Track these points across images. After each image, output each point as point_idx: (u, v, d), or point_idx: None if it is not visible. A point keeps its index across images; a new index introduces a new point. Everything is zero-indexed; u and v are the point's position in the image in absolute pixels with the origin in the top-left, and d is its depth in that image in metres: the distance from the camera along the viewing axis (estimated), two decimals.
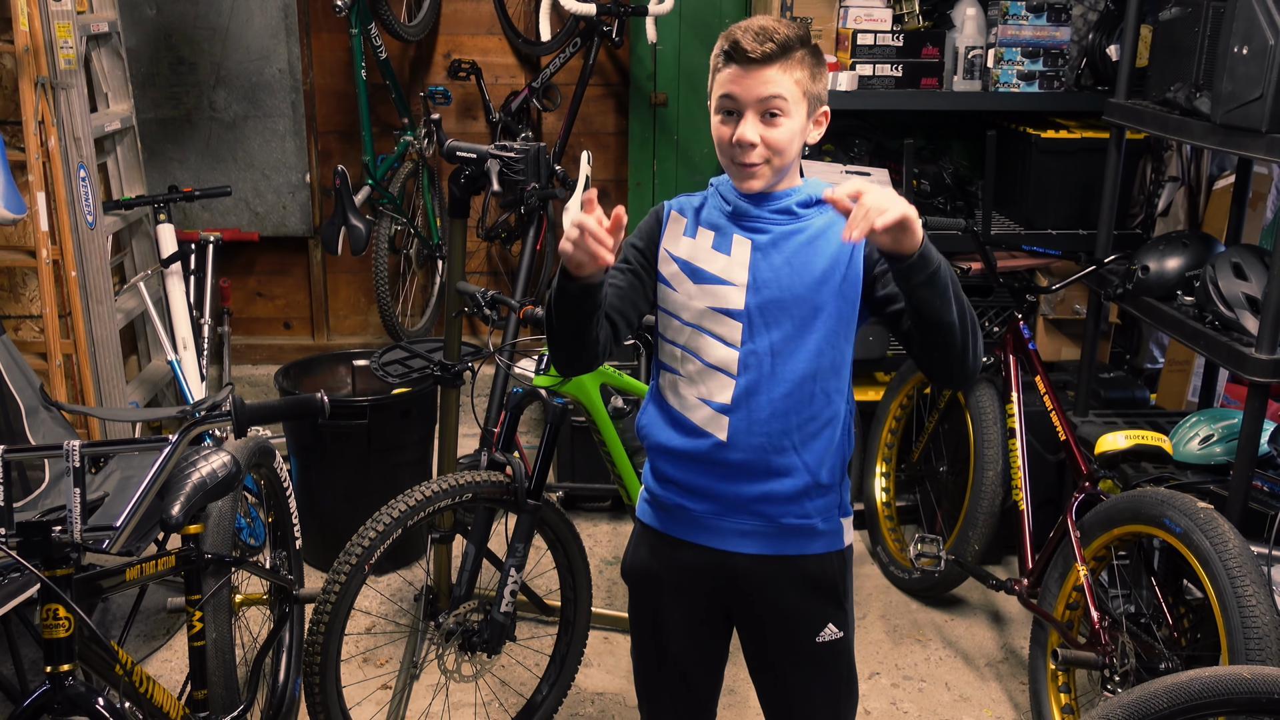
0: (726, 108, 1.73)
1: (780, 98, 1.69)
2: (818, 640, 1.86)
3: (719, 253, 1.79)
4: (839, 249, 1.76)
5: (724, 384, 1.79)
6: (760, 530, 1.82)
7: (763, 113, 1.70)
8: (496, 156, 2.76)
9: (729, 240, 1.79)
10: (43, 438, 2.84)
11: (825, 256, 1.76)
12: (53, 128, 3.22)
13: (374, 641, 3.20)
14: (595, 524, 3.90)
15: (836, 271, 1.76)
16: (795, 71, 1.70)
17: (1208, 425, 2.86)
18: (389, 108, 4.61)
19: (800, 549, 1.84)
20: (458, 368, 2.90)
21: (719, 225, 1.81)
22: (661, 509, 1.90)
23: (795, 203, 1.78)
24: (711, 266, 1.79)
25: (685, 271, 1.81)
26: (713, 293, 1.79)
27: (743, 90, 1.69)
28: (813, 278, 1.75)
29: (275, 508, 2.77)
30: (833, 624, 1.87)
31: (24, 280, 3.52)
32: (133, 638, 3.14)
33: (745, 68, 1.68)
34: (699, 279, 1.80)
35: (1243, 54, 2.49)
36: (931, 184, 3.94)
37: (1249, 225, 3.43)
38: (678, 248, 1.83)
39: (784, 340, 1.77)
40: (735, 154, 1.73)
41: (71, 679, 1.70)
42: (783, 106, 1.69)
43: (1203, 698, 1.60)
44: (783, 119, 1.70)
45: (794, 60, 1.69)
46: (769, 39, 1.66)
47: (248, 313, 4.91)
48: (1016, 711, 2.95)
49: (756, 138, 1.70)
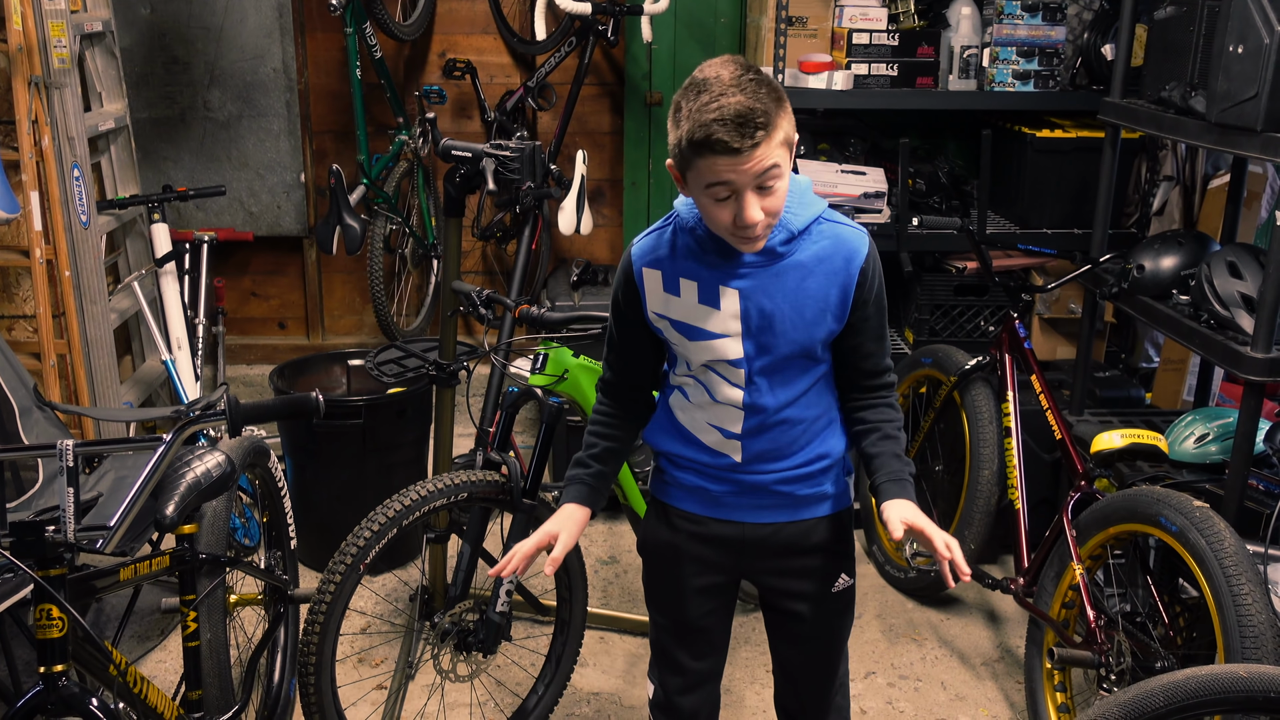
0: (719, 194, 1.65)
1: (776, 167, 1.63)
2: (834, 590, 1.98)
3: (708, 307, 1.79)
4: (826, 286, 1.78)
5: (734, 415, 1.86)
6: (778, 504, 1.91)
7: (759, 187, 1.64)
8: (492, 156, 2.76)
9: (715, 292, 1.78)
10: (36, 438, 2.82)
11: (818, 297, 1.78)
12: (46, 127, 3.21)
13: (369, 642, 3.19)
14: (591, 524, 3.89)
15: (831, 308, 1.80)
16: (776, 135, 1.62)
17: (1203, 424, 2.86)
18: (384, 107, 4.60)
19: (815, 512, 1.94)
20: (453, 367, 2.90)
21: (698, 275, 1.79)
22: (679, 488, 1.97)
23: (777, 243, 1.76)
24: (704, 324, 1.80)
25: (679, 330, 1.84)
26: (710, 348, 1.82)
27: (738, 176, 1.62)
28: (806, 319, 1.79)
29: (270, 508, 2.77)
30: (844, 574, 1.99)
31: (17, 280, 3.51)
32: (127, 638, 3.13)
33: (733, 157, 1.60)
34: (694, 336, 1.82)
35: (1238, 53, 2.49)
36: (927, 183, 3.94)
37: (1244, 224, 3.44)
38: (666, 309, 1.83)
39: (783, 373, 1.83)
40: (740, 233, 1.68)
41: (65, 679, 1.69)
42: (778, 174, 1.64)
43: (1199, 696, 1.60)
44: (778, 183, 1.66)
45: (774, 123, 1.61)
46: (754, 127, 1.58)
47: (242, 312, 4.90)
48: (1012, 711, 2.95)
49: (761, 214, 1.66)
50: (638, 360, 1.96)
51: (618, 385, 1.99)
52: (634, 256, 1.85)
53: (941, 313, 3.86)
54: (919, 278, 3.79)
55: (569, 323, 2.57)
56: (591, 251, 4.93)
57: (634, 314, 1.88)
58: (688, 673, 2.10)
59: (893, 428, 1.91)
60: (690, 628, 2.06)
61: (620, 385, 1.99)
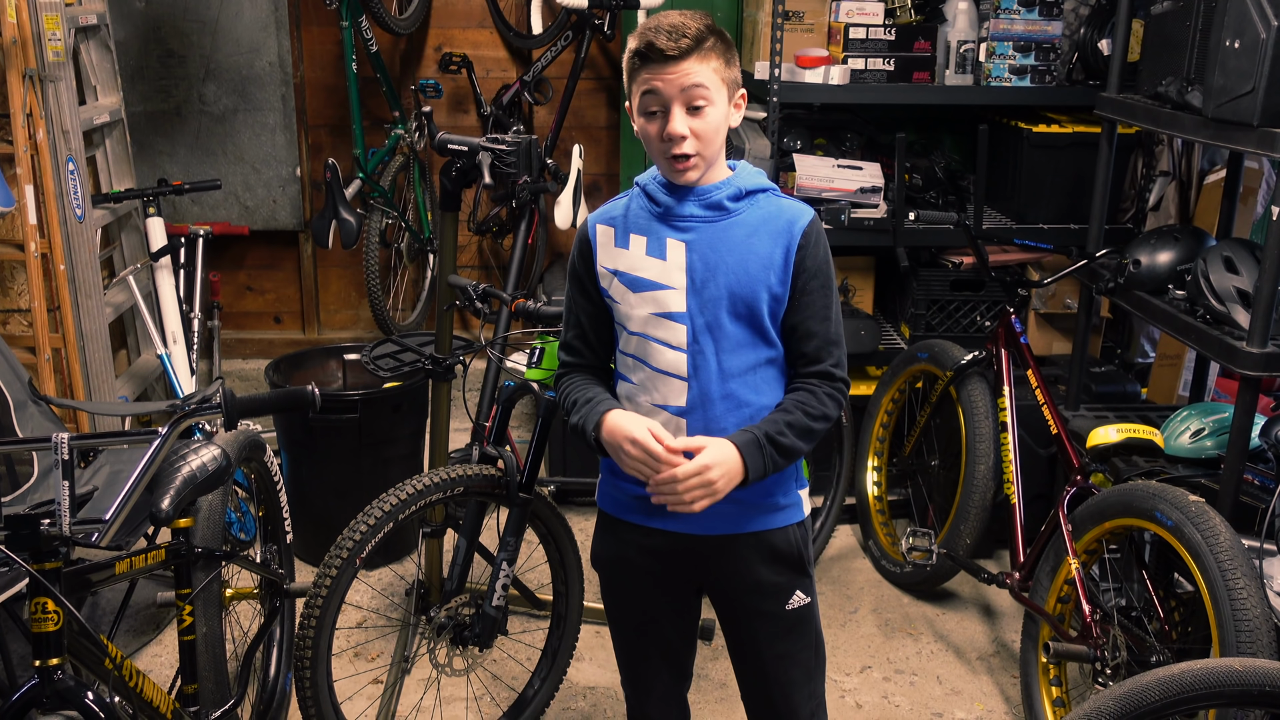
0: (649, 106, 1.76)
1: (703, 86, 1.73)
2: (788, 609, 1.94)
3: (654, 258, 1.82)
4: (775, 247, 1.79)
5: (677, 388, 1.83)
6: (725, 512, 1.85)
7: (687, 105, 1.74)
8: (488, 150, 2.76)
9: (662, 244, 1.81)
10: (31, 432, 2.82)
11: (760, 255, 1.79)
12: (41, 120, 3.20)
13: (365, 636, 3.19)
14: (587, 518, 3.89)
15: (773, 270, 1.79)
16: (711, 61, 1.74)
17: (1199, 419, 2.86)
18: (380, 101, 4.60)
19: (765, 524, 1.90)
20: (449, 362, 2.89)
21: (649, 229, 1.83)
22: (624, 500, 1.94)
23: (725, 197, 1.80)
24: (649, 273, 1.82)
25: (624, 283, 1.84)
26: (654, 299, 1.82)
27: (665, 85, 1.73)
28: (749, 274, 1.79)
29: (266, 502, 2.76)
30: (800, 591, 1.95)
31: (12, 274, 3.50)
32: (122, 632, 3.13)
33: (663, 65, 1.72)
34: (638, 288, 1.83)
35: (1234, 48, 2.49)
36: (923, 178, 3.94)
37: (1240, 219, 3.44)
38: (614, 261, 1.86)
39: (727, 337, 1.81)
40: (667, 148, 1.76)
41: (60, 673, 1.69)
42: (705, 95, 1.74)
43: (1194, 690, 1.60)
44: (707, 108, 1.74)
45: (707, 50, 1.73)
46: (682, 35, 1.71)
47: (238, 307, 4.89)
48: (1008, 705, 2.96)
49: (686, 129, 1.74)
50: (593, 333, 1.93)
51: (575, 365, 1.96)
52: (589, 219, 1.92)
53: (938, 308, 3.86)
54: (915, 273, 3.79)
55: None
56: None
57: (587, 273, 1.90)
58: (652, 685, 2.07)
59: (792, 401, 1.82)
60: (649, 640, 2.04)
61: (577, 365, 1.96)
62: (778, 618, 1.94)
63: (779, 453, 1.78)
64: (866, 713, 2.91)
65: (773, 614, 1.94)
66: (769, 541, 1.90)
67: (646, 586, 1.98)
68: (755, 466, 1.76)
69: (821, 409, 1.82)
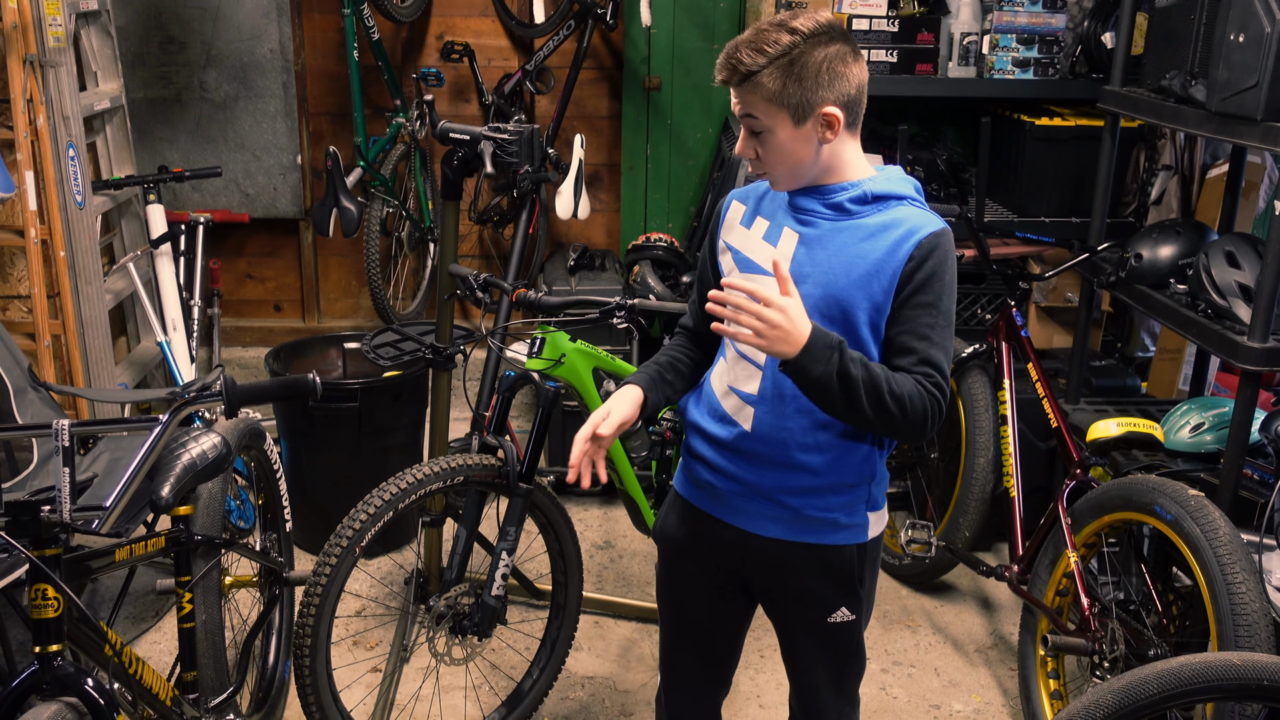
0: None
1: (752, 116, 1.72)
2: (829, 621, 1.91)
3: (767, 244, 1.81)
4: (886, 254, 1.71)
5: (751, 373, 1.82)
6: (782, 517, 1.85)
7: (749, 129, 1.74)
8: (490, 139, 2.75)
9: (779, 231, 1.80)
10: (31, 418, 2.82)
11: (869, 260, 1.71)
12: (41, 106, 3.19)
13: (364, 624, 3.19)
14: (586, 508, 3.90)
15: (878, 279, 1.71)
16: (762, 89, 1.68)
17: (1199, 413, 2.86)
18: (381, 89, 4.58)
19: (820, 538, 1.86)
20: (449, 351, 2.89)
21: (774, 215, 1.83)
22: (692, 482, 1.96)
23: (848, 199, 1.75)
24: (758, 257, 1.82)
25: (736, 261, 1.86)
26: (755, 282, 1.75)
27: (735, 107, 1.75)
28: (851, 279, 1.73)
29: (265, 490, 2.76)
30: (845, 608, 1.91)
31: (12, 260, 3.49)
32: (121, 619, 3.13)
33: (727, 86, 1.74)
34: (746, 268, 1.83)
35: (1238, 42, 2.49)
36: (925, 170, 3.93)
37: (1242, 214, 3.44)
38: (732, 237, 1.88)
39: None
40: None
41: (60, 659, 1.69)
42: (755, 124, 1.73)
43: (1193, 684, 1.61)
44: (765, 135, 1.73)
45: (759, 82, 1.68)
46: (728, 64, 1.71)
47: (238, 295, 4.89)
48: (1005, 697, 2.96)
49: (751, 151, 1.76)
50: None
51: (691, 330, 2.01)
52: (732, 193, 1.94)
53: None
54: None
55: (566, 307, 2.56)
56: (588, 236, 4.92)
57: (710, 245, 1.93)
58: (687, 674, 2.08)
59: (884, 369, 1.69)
60: (691, 627, 2.05)
61: (695, 332, 2.01)
62: (818, 627, 1.92)
63: (841, 374, 1.63)
64: (864, 704, 2.92)
65: (814, 622, 1.92)
66: (823, 556, 1.87)
67: (696, 570, 2.00)
68: (816, 353, 1.62)
69: (905, 391, 1.67)
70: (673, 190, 4.80)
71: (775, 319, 1.60)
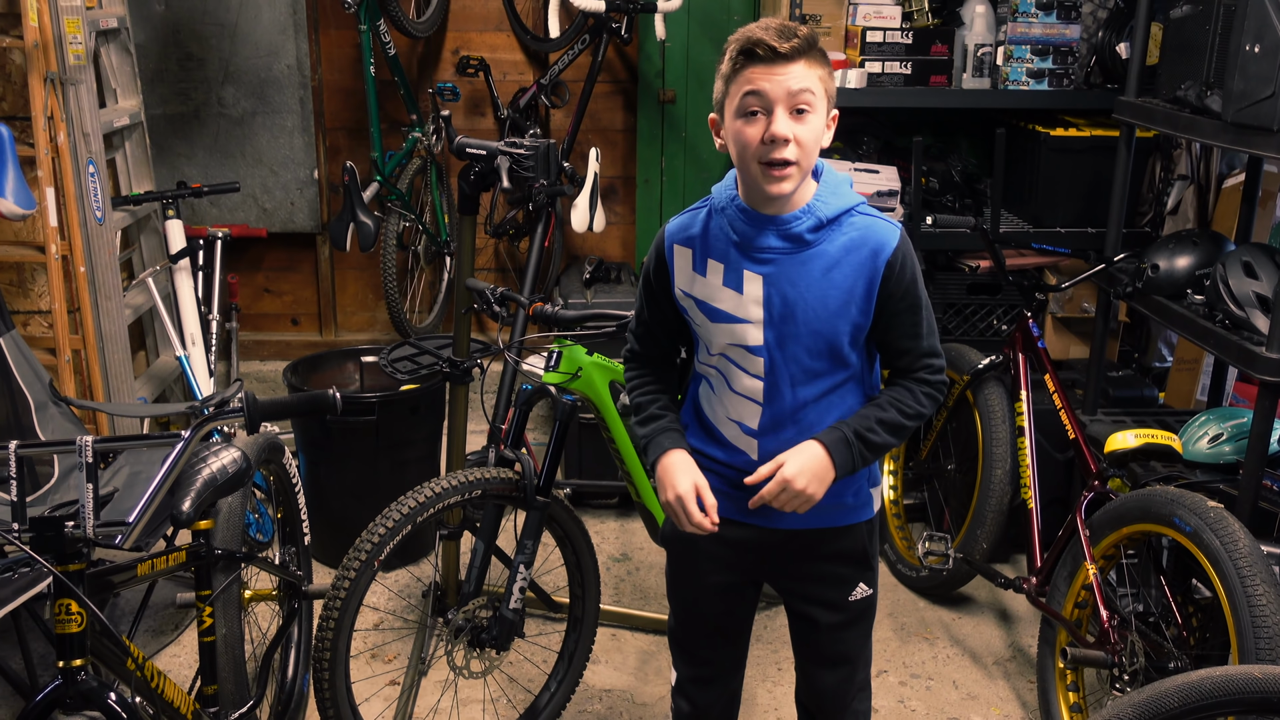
0: (751, 106, 1.68)
1: (809, 91, 1.67)
2: (850, 599, 1.99)
3: (730, 290, 1.80)
4: (856, 278, 1.75)
5: (752, 410, 1.86)
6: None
7: (792, 108, 1.67)
8: (506, 153, 2.76)
9: (739, 275, 1.79)
10: (52, 433, 2.84)
11: (842, 289, 1.76)
12: (62, 123, 3.22)
13: (382, 638, 3.20)
14: (603, 521, 3.90)
15: (854, 303, 1.77)
16: (817, 68, 1.69)
17: (1217, 424, 2.85)
18: (397, 104, 4.61)
19: (833, 521, 1.92)
20: (466, 364, 2.90)
21: (726, 257, 1.80)
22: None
23: (805, 229, 1.75)
24: (726, 305, 1.81)
25: (702, 310, 1.85)
26: (730, 331, 1.82)
27: (772, 86, 1.66)
28: (830, 311, 1.76)
29: (284, 504, 2.78)
30: (863, 583, 1.98)
31: (33, 276, 3.53)
32: (141, 633, 3.14)
33: (771, 64, 1.65)
34: (716, 318, 1.83)
35: (1254, 52, 2.48)
36: (940, 182, 3.93)
37: (1259, 224, 3.43)
38: (691, 287, 1.86)
39: (804, 370, 1.81)
40: (766, 153, 1.68)
41: (83, 674, 1.70)
42: (811, 101, 1.68)
43: (1214, 697, 1.60)
44: (811, 115, 1.69)
45: (816, 55, 1.69)
46: (794, 35, 1.65)
47: (255, 309, 4.92)
48: (1024, 710, 2.95)
49: (791, 132, 1.67)
50: (663, 336, 1.97)
51: (644, 356, 2.02)
52: (667, 233, 1.89)
53: (954, 311, 3.85)
54: (932, 276, 3.78)
55: (583, 320, 2.57)
56: (604, 249, 4.93)
57: (662, 290, 1.91)
58: (702, 665, 2.11)
59: (888, 398, 1.83)
60: (704, 624, 2.08)
61: (646, 356, 2.02)
62: (839, 607, 1.98)
63: (868, 449, 1.79)
64: (882, 717, 2.91)
65: (835, 603, 1.98)
66: (835, 538, 1.93)
67: (709, 570, 2.02)
68: (843, 464, 1.78)
69: (916, 407, 1.82)
70: (687, 202, 4.76)
71: (801, 485, 1.75)
